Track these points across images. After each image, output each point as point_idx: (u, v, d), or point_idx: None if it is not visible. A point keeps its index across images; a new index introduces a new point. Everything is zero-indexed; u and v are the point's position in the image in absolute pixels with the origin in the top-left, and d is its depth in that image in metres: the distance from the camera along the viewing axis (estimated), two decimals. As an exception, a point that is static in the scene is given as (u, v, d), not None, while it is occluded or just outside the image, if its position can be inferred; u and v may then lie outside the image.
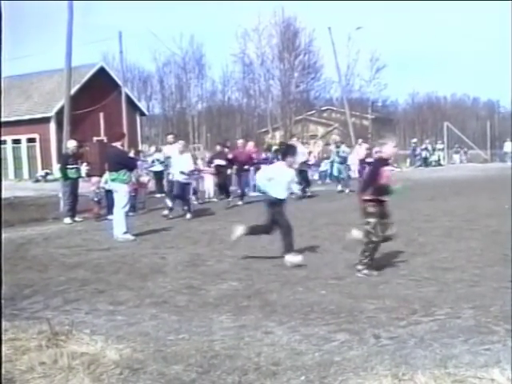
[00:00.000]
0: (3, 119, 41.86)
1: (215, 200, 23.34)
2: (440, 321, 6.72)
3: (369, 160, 24.25)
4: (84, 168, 18.20)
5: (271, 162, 27.75)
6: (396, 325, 6.62)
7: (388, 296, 7.89)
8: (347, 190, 25.75)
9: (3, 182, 37.32)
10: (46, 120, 42.93)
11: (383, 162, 9.60)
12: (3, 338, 5.96)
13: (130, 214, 15.81)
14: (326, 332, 6.43)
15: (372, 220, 9.27)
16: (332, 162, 29.23)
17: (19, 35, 56.04)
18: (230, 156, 22.81)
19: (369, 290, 8.26)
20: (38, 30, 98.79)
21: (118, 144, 14.43)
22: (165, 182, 22.47)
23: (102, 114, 39.89)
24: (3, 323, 6.65)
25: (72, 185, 17.44)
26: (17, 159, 45.37)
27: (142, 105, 58.10)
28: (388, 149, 9.72)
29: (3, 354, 5.56)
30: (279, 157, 24.92)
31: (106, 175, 15.14)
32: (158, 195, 23.47)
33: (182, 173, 17.64)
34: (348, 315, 7.05)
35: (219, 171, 22.20)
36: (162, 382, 5.11)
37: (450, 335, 6.17)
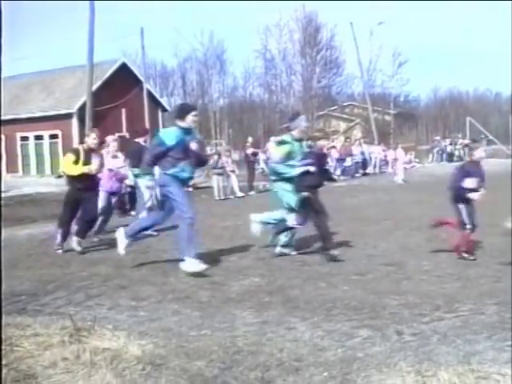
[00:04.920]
0: (26, 115, 42.29)
1: (241, 194, 23.64)
2: (463, 317, 6.67)
3: None
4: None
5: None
6: (419, 321, 6.58)
7: (411, 292, 7.85)
8: None
9: (26, 179, 37.61)
10: (69, 116, 43.12)
11: None
12: (25, 333, 6.00)
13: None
14: (348, 328, 6.40)
15: None
16: None
17: (43, 32, 56.45)
18: None
19: (391, 286, 8.22)
20: (61, 27, 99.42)
21: (140, 140, 14.42)
22: None
23: (123, 110, 39.94)
24: (25, 318, 6.71)
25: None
26: (39, 155, 45.64)
27: (164, 100, 58.19)
28: None
29: (26, 349, 5.60)
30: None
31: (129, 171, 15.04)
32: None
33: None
34: (371, 311, 7.02)
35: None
36: (185, 377, 5.09)
37: (473, 331, 6.13)
